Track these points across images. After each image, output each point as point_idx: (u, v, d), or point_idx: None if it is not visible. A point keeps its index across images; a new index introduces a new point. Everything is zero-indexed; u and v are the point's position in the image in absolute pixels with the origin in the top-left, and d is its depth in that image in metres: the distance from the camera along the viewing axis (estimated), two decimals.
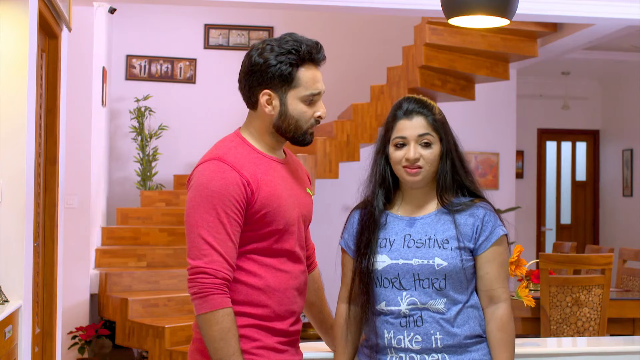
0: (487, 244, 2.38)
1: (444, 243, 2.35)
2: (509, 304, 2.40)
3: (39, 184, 4.68)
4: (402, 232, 2.40)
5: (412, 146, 2.37)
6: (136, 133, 8.12)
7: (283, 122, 2.36)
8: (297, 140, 2.40)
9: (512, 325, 2.40)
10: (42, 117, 4.72)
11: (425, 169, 2.37)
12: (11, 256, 3.92)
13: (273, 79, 2.33)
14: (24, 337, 3.99)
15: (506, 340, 2.38)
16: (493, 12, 3.91)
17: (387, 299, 2.36)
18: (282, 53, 2.32)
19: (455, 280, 2.34)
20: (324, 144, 7.45)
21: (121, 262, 7.06)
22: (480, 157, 9.45)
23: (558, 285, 4.98)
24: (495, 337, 2.38)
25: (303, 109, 2.36)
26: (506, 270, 2.43)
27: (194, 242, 2.26)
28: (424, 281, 2.33)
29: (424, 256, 2.34)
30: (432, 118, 2.39)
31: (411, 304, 2.34)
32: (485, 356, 2.38)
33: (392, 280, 2.36)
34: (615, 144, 11.16)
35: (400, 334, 2.35)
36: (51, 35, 4.86)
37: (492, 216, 2.40)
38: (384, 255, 2.37)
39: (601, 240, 11.39)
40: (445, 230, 2.37)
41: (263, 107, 2.36)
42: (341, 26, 8.86)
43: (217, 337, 2.23)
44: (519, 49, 7.47)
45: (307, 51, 2.34)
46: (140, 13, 8.61)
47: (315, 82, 2.36)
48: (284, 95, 2.34)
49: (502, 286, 2.40)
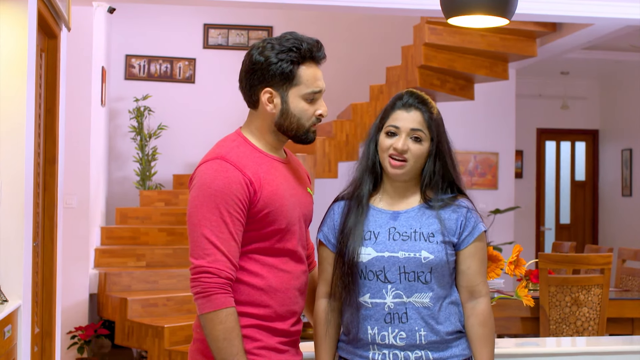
0: (470, 239, 2.40)
1: (430, 237, 2.36)
2: (489, 298, 2.43)
3: (38, 183, 4.67)
4: (387, 225, 2.40)
5: (402, 137, 2.38)
6: (135, 133, 8.12)
7: (285, 120, 2.36)
8: (300, 138, 2.40)
9: (492, 320, 2.42)
10: (41, 117, 4.72)
11: (410, 163, 2.38)
12: (10, 256, 3.92)
13: (274, 77, 2.33)
14: (23, 336, 3.99)
15: (487, 334, 2.40)
16: (492, 11, 3.91)
17: (371, 291, 2.36)
18: (283, 51, 2.32)
19: (440, 274, 2.36)
20: (323, 143, 7.45)
21: (120, 262, 7.06)
22: (479, 157, 9.45)
23: (557, 285, 4.98)
24: (476, 332, 2.39)
25: (304, 107, 2.36)
26: (485, 266, 2.46)
27: (197, 242, 2.25)
28: (410, 274, 2.34)
29: (411, 249, 2.35)
30: (428, 116, 2.40)
31: (396, 297, 2.34)
32: (465, 350, 2.40)
33: (377, 273, 2.36)
34: (614, 143, 11.16)
35: (385, 330, 2.35)
36: (50, 35, 4.86)
37: (474, 212, 2.43)
38: (369, 248, 2.37)
39: (600, 240, 11.39)
40: (430, 224, 2.38)
41: (264, 105, 2.36)
42: (340, 26, 8.86)
43: (221, 336, 2.22)
44: (518, 48, 7.47)
45: (308, 49, 2.34)
46: (140, 13, 8.61)
47: (316, 80, 2.36)
48: (285, 93, 2.34)
49: (482, 281, 2.43)
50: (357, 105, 7.67)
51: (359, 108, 7.65)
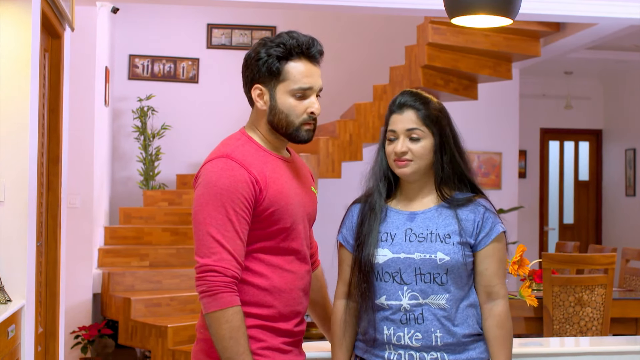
0: (487, 240, 2.38)
1: (446, 238, 2.35)
2: (506, 300, 2.41)
3: (42, 183, 4.68)
4: (403, 227, 2.40)
5: (400, 140, 2.38)
6: (139, 133, 8.13)
7: (274, 117, 2.35)
8: (291, 136, 2.37)
9: (510, 322, 2.40)
10: (44, 117, 4.73)
11: (415, 162, 2.38)
12: (14, 256, 3.92)
13: (262, 72, 2.33)
14: (27, 336, 3.99)
15: (505, 336, 2.38)
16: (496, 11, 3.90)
17: (387, 293, 2.36)
18: (271, 47, 2.33)
19: (457, 275, 2.35)
20: (327, 143, 7.45)
21: (124, 262, 7.07)
22: (483, 157, 9.44)
23: (561, 285, 4.98)
24: (493, 333, 2.38)
25: (292, 103, 2.34)
26: (504, 268, 2.44)
27: (202, 240, 2.25)
28: (426, 275, 2.34)
29: (427, 250, 2.34)
30: (423, 112, 2.39)
31: (413, 299, 2.33)
32: (482, 354, 2.38)
33: (393, 274, 2.36)
34: (618, 143, 11.14)
35: (401, 330, 2.34)
36: (54, 35, 4.86)
37: (492, 213, 2.41)
38: (385, 249, 2.37)
39: (604, 240, 11.37)
40: (447, 225, 2.37)
41: (256, 102, 2.37)
42: (344, 26, 8.85)
43: (227, 335, 2.21)
44: (522, 48, 7.46)
45: (297, 44, 2.32)
46: (143, 13, 8.61)
47: (306, 77, 2.33)
48: (273, 89, 2.34)
49: (500, 282, 2.41)
50: (361, 105, 7.66)
51: (362, 108, 7.64)
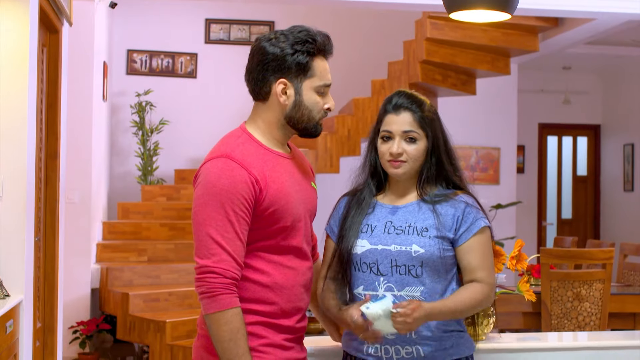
0: (468, 235, 2.40)
1: (423, 231, 2.38)
2: (490, 287, 2.39)
3: (40, 178, 4.68)
4: (384, 219, 2.44)
5: (396, 141, 2.41)
6: (137, 128, 8.13)
7: (297, 112, 2.36)
8: (309, 131, 2.39)
9: (481, 298, 2.37)
10: (42, 112, 4.72)
11: (408, 163, 2.41)
12: (12, 251, 3.92)
13: (290, 68, 2.32)
14: (25, 331, 4.00)
15: (466, 296, 2.35)
16: (494, 6, 3.90)
17: (364, 284, 2.40)
18: (299, 42, 2.32)
19: (432, 268, 2.36)
20: (325, 138, 7.45)
21: (122, 257, 7.07)
22: (481, 152, 9.44)
23: (559, 280, 4.98)
24: (458, 291, 2.38)
25: (316, 99, 2.36)
26: (490, 261, 2.43)
27: (202, 241, 2.24)
28: (401, 267, 2.36)
29: (402, 242, 2.37)
30: (419, 115, 2.41)
31: (388, 290, 2.36)
32: (460, 348, 2.41)
33: (370, 265, 2.39)
34: (616, 138, 11.15)
35: None
36: (52, 30, 4.85)
37: (474, 208, 2.42)
38: (364, 240, 2.42)
39: (602, 235, 11.38)
40: (425, 219, 2.40)
41: (277, 96, 2.35)
42: (342, 21, 8.84)
43: (226, 337, 2.22)
44: (520, 43, 7.47)
45: (322, 42, 2.35)
46: (141, 8, 8.61)
47: (327, 73, 2.38)
48: (300, 84, 2.34)
49: (486, 274, 2.40)
50: (359, 100, 7.66)
51: (360, 103, 7.64)
